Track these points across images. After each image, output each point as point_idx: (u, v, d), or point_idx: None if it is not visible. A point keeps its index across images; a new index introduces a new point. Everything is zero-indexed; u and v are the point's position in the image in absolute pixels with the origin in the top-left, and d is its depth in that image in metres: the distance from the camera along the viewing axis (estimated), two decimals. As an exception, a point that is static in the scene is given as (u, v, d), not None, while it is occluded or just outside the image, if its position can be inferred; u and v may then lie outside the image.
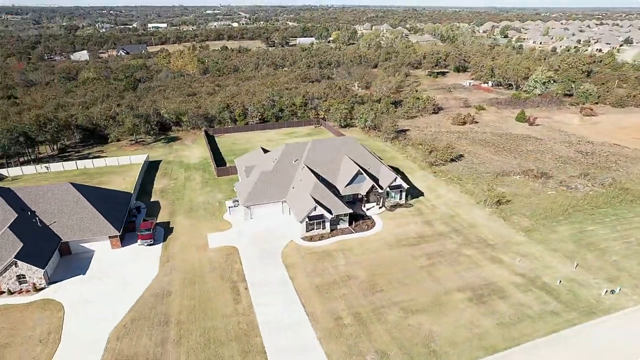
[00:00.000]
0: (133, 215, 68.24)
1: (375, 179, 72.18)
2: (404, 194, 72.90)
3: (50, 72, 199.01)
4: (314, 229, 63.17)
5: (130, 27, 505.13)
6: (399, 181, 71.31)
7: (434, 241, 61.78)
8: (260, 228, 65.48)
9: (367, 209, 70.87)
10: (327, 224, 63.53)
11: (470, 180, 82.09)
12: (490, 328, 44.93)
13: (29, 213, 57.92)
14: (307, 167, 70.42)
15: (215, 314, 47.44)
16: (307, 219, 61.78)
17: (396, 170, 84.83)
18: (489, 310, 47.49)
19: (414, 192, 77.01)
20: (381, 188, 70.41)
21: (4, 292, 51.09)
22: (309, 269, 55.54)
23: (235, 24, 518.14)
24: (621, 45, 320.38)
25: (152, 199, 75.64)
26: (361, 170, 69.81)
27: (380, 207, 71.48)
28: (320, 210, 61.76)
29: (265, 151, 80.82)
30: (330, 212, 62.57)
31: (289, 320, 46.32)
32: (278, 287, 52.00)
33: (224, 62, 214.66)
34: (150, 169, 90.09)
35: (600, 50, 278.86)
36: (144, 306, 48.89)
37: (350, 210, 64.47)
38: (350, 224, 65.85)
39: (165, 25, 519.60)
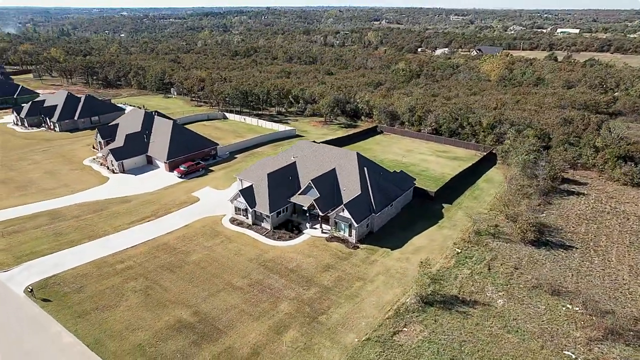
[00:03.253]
0: (206, 159, 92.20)
1: (339, 202, 63.80)
2: (354, 231, 60.44)
3: (381, 61, 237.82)
4: (240, 215, 66.96)
5: (541, 31, 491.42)
6: (347, 214, 59.83)
7: (284, 280, 52.77)
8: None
9: (312, 226, 64.65)
10: (250, 215, 65.48)
11: (494, 275, 54.64)
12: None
13: (146, 132, 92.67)
14: (295, 164, 71.15)
15: (107, 222, 66.25)
16: (234, 202, 66.61)
17: (411, 213, 67.05)
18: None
19: (393, 242, 61.29)
20: (322, 211, 62.04)
21: (108, 168, 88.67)
22: (189, 234, 63.32)
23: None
24: None
25: (237, 155, 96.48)
26: (312, 184, 63.80)
27: (323, 232, 63.29)
28: (243, 200, 64.86)
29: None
30: (251, 205, 64.38)
31: (105, 244, 59.57)
32: (153, 230, 64.06)
33: (534, 74, 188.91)
34: (285, 138, 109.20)
35: None
36: (108, 202, 73.60)
37: (269, 213, 63.00)
38: (278, 229, 64.31)
39: (577, 31, 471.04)
